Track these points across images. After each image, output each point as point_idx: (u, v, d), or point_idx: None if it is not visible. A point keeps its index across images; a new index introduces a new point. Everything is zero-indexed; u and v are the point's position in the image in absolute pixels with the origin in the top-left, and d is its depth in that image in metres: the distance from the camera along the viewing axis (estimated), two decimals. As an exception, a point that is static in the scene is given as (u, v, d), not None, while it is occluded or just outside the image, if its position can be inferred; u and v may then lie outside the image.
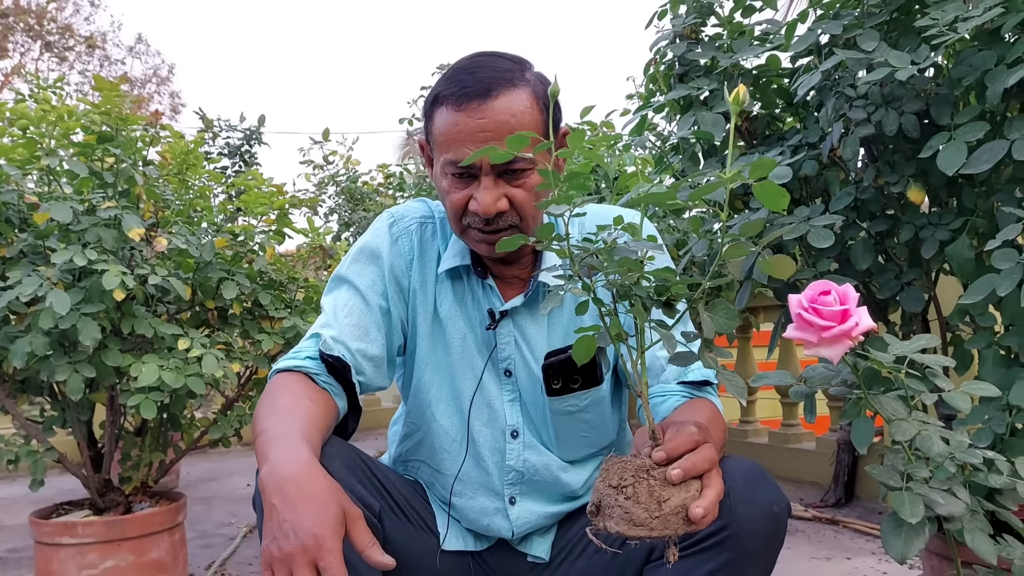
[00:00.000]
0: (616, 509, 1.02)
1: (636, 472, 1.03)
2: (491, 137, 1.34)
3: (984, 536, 1.17)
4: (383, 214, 1.60)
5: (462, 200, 1.40)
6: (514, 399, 1.51)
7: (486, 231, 1.39)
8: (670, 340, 1.00)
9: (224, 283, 2.63)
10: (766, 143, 2.32)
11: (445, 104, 1.38)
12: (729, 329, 1.02)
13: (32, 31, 21.95)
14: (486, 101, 1.35)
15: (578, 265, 1.03)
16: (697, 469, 1.03)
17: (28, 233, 2.48)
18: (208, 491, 4.98)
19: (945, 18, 1.69)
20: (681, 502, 1.01)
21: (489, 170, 1.36)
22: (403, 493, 1.48)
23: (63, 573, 2.47)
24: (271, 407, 1.26)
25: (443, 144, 1.39)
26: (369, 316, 1.46)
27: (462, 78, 1.38)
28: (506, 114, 1.35)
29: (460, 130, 1.36)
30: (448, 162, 1.38)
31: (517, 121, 1.36)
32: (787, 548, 3.25)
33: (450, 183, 1.40)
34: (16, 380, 2.57)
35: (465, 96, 1.35)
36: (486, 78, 1.36)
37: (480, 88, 1.35)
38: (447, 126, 1.38)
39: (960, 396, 1.18)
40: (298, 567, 0.97)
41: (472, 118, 1.35)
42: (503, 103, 1.35)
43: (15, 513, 4.51)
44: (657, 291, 1.03)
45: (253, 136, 6.93)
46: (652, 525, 1.00)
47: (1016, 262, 1.52)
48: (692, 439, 1.06)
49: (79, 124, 2.50)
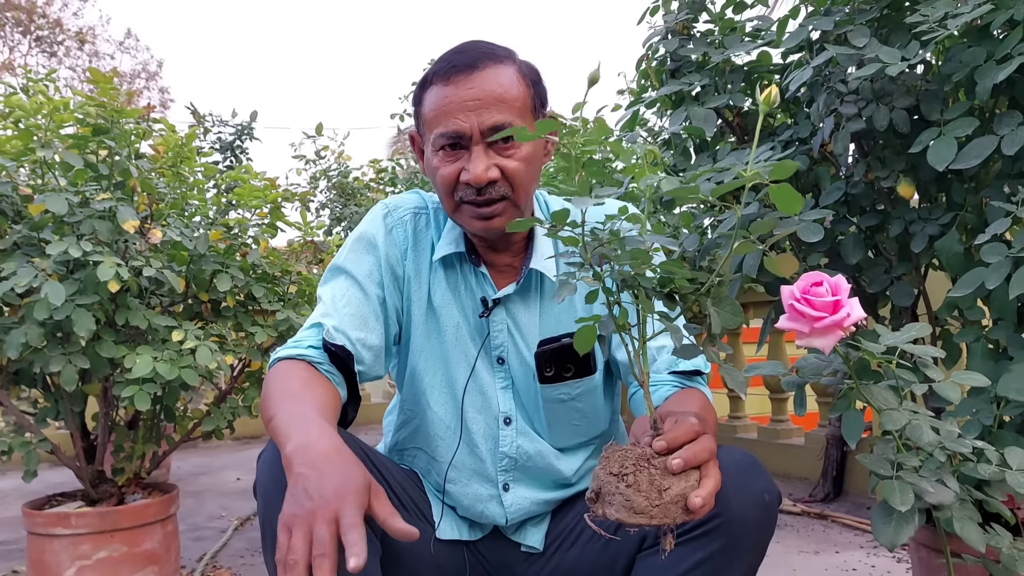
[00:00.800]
0: (616, 496, 1.03)
1: (637, 461, 1.04)
2: (480, 105, 1.38)
3: (973, 524, 1.19)
4: (378, 205, 1.61)
5: (453, 173, 1.41)
6: (507, 386, 1.52)
7: (479, 203, 1.41)
8: (676, 332, 1.02)
9: (219, 275, 2.63)
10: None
11: (434, 83, 1.42)
12: (735, 324, 1.04)
13: (21, 25, 21.85)
14: (474, 72, 1.39)
15: (590, 254, 1.04)
16: (697, 459, 1.05)
17: (22, 225, 2.49)
18: (198, 485, 4.98)
19: (935, 15, 1.72)
20: (681, 491, 1.03)
21: (479, 139, 1.39)
22: (400, 482, 1.50)
23: (56, 564, 2.48)
24: (283, 390, 1.28)
25: (434, 119, 1.42)
26: (367, 306, 1.47)
27: (449, 57, 1.42)
28: (494, 83, 1.39)
29: (450, 101, 1.39)
30: (439, 135, 1.41)
31: (505, 91, 1.40)
32: (776, 542, 3.29)
33: (441, 158, 1.43)
34: (9, 372, 2.57)
35: (454, 69, 1.40)
36: (473, 54, 1.41)
37: (468, 60, 1.40)
38: (437, 100, 1.41)
39: (950, 386, 1.20)
40: (319, 522, 0.97)
41: (461, 88, 1.39)
42: (491, 74, 1.40)
43: (4, 506, 4.50)
44: (661, 283, 1.05)
45: (245, 132, 6.93)
46: (652, 513, 1.02)
47: (1004, 256, 1.54)
48: (692, 430, 1.08)
49: (73, 116, 2.50)
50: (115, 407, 2.69)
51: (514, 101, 1.41)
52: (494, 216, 1.42)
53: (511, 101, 1.40)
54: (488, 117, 1.38)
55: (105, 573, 2.50)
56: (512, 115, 1.39)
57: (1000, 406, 1.62)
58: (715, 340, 1.06)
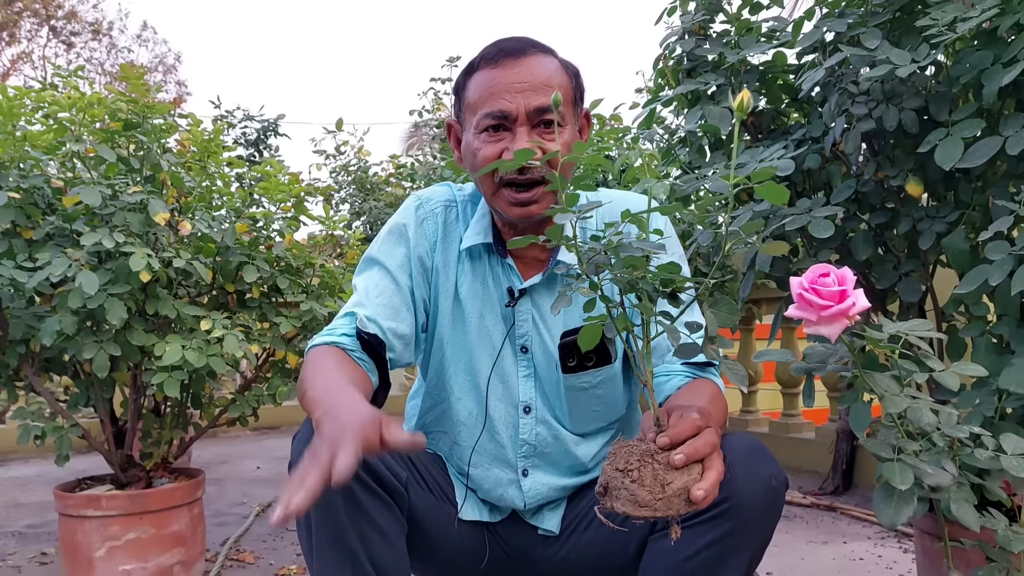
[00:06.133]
0: (622, 491, 1.07)
1: (641, 457, 1.09)
2: (527, 87, 1.43)
3: (969, 506, 1.25)
4: (411, 197, 1.67)
5: (495, 153, 1.46)
6: (529, 375, 1.58)
7: (519, 183, 1.45)
8: (674, 334, 1.07)
9: (245, 267, 2.71)
10: (771, 137, 2.38)
11: (481, 68, 1.48)
12: (730, 324, 1.09)
13: (39, 17, 22.00)
14: (522, 57, 1.46)
15: (586, 264, 1.09)
16: (699, 454, 1.09)
17: (55, 216, 2.57)
18: (220, 473, 5.07)
19: (945, 18, 1.76)
20: (683, 485, 1.07)
21: (524, 120, 1.44)
22: (426, 465, 1.56)
23: (87, 544, 2.56)
24: (317, 369, 1.34)
25: (480, 101, 1.47)
26: (399, 296, 1.53)
27: (497, 43, 1.49)
28: (541, 69, 1.46)
29: (498, 83, 1.45)
30: (485, 114, 1.46)
31: (550, 77, 1.46)
32: (785, 532, 3.35)
33: (484, 140, 1.47)
34: (42, 359, 2.66)
35: (502, 53, 1.46)
36: (521, 41, 1.48)
37: (517, 46, 1.47)
38: (484, 82, 1.47)
39: (950, 375, 1.25)
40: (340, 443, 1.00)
41: (509, 71, 1.45)
42: (537, 61, 1.47)
43: (30, 491, 4.61)
44: (663, 283, 1.10)
45: (270, 128, 6.99)
46: (656, 506, 1.06)
47: (1008, 253, 1.59)
48: (695, 425, 1.12)
49: (104, 112, 2.57)
50: (144, 394, 2.78)
51: (558, 87, 1.46)
52: (532, 202, 1.46)
53: (556, 87, 1.45)
54: (535, 99, 1.43)
55: (134, 554, 2.59)
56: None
57: (1002, 398, 1.67)
58: (713, 339, 1.12)
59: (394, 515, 1.34)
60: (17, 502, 4.36)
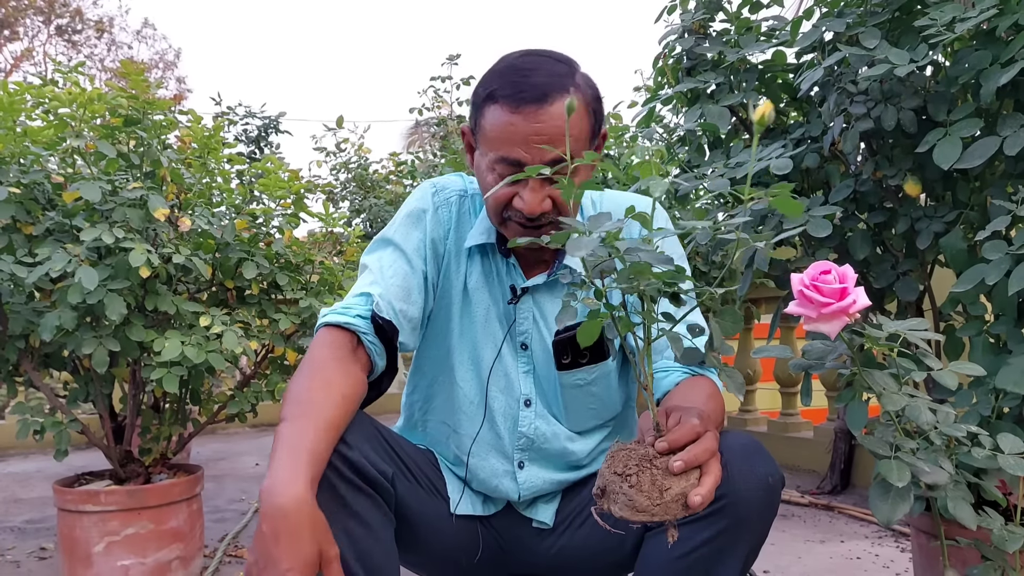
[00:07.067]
0: (620, 496, 1.08)
1: (640, 461, 1.09)
2: (546, 140, 1.38)
3: (965, 504, 1.25)
4: (425, 183, 1.67)
5: (506, 196, 1.45)
6: (528, 371, 1.59)
7: (527, 226, 1.45)
8: (676, 342, 1.07)
9: (244, 263, 2.71)
10: (770, 136, 2.39)
11: (501, 103, 1.41)
12: (735, 332, 1.09)
13: (42, 14, 22.00)
14: (543, 106, 1.39)
15: (591, 272, 1.08)
16: (698, 460, 1.09)
17: (55, 212, 2.57)
18: (218, 469, 5.08)
19: (943, 18, 1.77)
20: (681, 490, 1.07)
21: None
22: (415, 460, 1.56)
23: (86, 539, 2.57)
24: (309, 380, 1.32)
25: (495, 141, 1.43)
26: (413, 279, 1.53)
27: (518, 80, 1.41)
28: (560, 119, 1.39)
29: (516, 131, 1.40)
30: (500, 159, 1.42)
31: (569, 126, 1.39)
32: (783, 531, 3.36)
33: (496, 178, 1.44)
34: (41, 354, 2.66)
35: (523, 100, 1.39)
36: (542, 83, 1.40)
37: (537, 93, 1.39)
38: (502, 125, 1.41)
39: (948, 375, 1.26)
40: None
41: (528, 122, 1.39)
42: (558, 109, 1.39)
43: (29, 487, 4.62)
44: (666, 284, 1.10)
45: (271, 125, 6.98)
46: (653, 511, 1.06)
47: (1005, 253, 1.59)
48: (694, 430, 1.12)
49: (104, 108, 2.58)
50: (143, 390, 2.78)
51: (578, 136, 1.43)
52: (541, 235, 1.41)
53: (575, 137, 1.42)
54: (550, 152, 1.38)
55: (133, 549, 2.60)
56: (572, 148, 1.41)
57: (998, 398, 1.68)
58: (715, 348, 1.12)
59: (380, 509, 1.34)
60: (16, 497, 4.37)
